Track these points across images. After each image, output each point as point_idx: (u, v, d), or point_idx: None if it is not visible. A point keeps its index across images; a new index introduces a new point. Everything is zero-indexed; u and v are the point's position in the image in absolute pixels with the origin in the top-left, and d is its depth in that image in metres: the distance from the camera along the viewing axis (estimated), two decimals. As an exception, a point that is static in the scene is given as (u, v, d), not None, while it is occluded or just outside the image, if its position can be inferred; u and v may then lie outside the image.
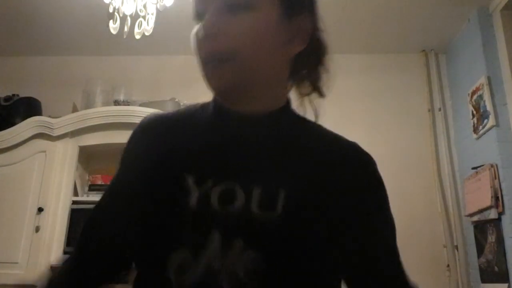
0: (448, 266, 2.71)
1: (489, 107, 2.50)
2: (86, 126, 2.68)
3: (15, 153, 2.67)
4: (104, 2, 2.11)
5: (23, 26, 2.94)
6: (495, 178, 2.39)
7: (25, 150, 2.67)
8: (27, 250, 2.46)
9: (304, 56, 0.74)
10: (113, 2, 2.07)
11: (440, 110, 3.03)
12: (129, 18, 2.09)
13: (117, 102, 2.90)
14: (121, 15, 2.07)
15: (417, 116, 3.02)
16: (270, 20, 0.68)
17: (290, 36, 0.71)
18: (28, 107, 2.88)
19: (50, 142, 2.67)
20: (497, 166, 2.41)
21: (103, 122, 2.67)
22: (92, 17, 2.72)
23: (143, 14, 2.12)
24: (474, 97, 2.66)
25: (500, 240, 2.34)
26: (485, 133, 2.55)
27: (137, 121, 0.79)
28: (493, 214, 2.38)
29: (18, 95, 2.91)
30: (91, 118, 2.69)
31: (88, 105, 2.86)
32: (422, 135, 2.98)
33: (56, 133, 2.66)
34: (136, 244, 0.68)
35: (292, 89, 0.78)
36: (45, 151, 2.66)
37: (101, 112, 2.72)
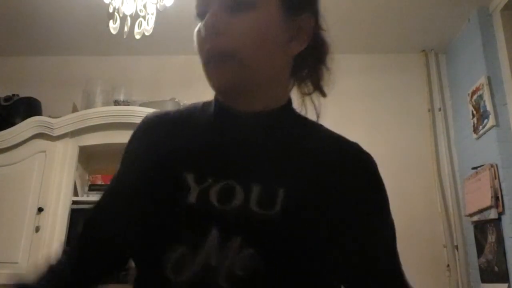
0: (448, 266, 2.71)
1: (489, 107, 2.50)
2: (86, 126, 2.68)
3: (15, 153, 2.67)
4: (104, 2, 2.11)
5: (23, 26, 2.94)
6: (495, 178, 2.39)
7: (25, 150, 2.67)
8: (27, 250, 2.46)
9: (305, 55, 0.74)
10: (113, 2, 2.07)
11: (440, 110, 3.03)
12: (129, 18, 2.09)
13: (117, 102, 2.90)
14: (121, 15, 2.07)
15: (417, 116, 3.02)
16: (271, 19, 0.68)
17: (291, 35, 0.71)
18: (28, 107, 2.88)
19: (50, 142, 2.67)
20: (497, 166, 2.41)
21: (103, 122, 2.67)
22: (92, 17, 2.72)
23: (143, 14, 2.12)
24: (474, 97, 2.66)
25: (500, 240, 2.34)
26: (485, 133, 2.55)
27: (137, 121, 0.80)
28: (493, 214, 2.38)
29: (18, 95, 2.91)
30: (91, 118, 2.69)
31: (88, 105, 2.86)
32: (422, 135, 2.98)
33: (56, 133, 2.66)
34: (135, 243, 0.68)
35: (293, 88, 0.78)
36: (45, 151, 2.66)
37: (101, 112, 2.72)
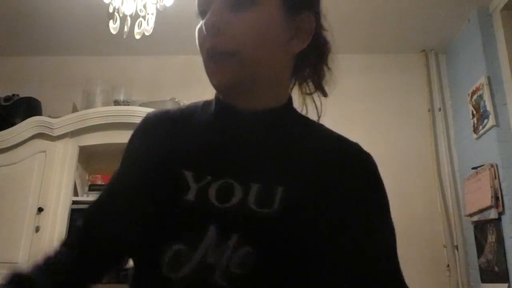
0: (448, 266, 2.71)
1: (489, 107, 2.50)
2: (86, 126, 2.68)
3: (15, 153, 2.67)
4: (104, 2, 2.11)
5: (23, 26, 2.94)
6: (495, 178, 2.39)
7: (25, 150, 2.67)
8: (27, 250, 2.46)
9: (307, 54, 0.74)
10: (113, 2, 2.07)
11: (440, 110, 3.03)
12: (129, 18, 2.09)
13: (117, 102, 2.90)
14: (121, 15, 2.07)
15: (417, 116, 3.03)
16: (272, 18, 0.68)
17: (292, 34, 0.71)
18: (28, 107, 2.88)
19: (50, 142, 2.67)
20: (497, 166, 2.41)
21: (103, 122, 2.67)
22: (92, 17, 2.72)
23: (143, 14, 2.12)
24: (474, 97, 2.66)
25: (500, 240, 2.34)
26: (485, 133, 2.55)
27: (137, 121, 0.79)
28: (493, 214, 2.38)
29: (18, 95, 2.91)
30: (91, 118, 2.69)
31: (88, 105, 2.86)
32: (422, 135, 2.98)
33: (56, 133, 2.66)
34: (134, 241, 0.68)
35: (294, 87, 0.78)
36: (45, 151, 2.66)
37: (101, 112, 2.72)
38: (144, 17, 2.12)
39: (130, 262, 0.71)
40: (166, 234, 0.63)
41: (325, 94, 0.78)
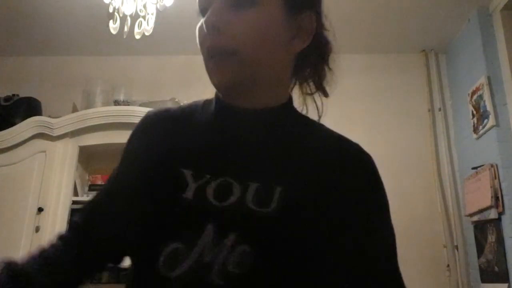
0: (448, 266, 2.71)
1: (489, 107, 2.50)
2: (86, 126, 2.68)
3: (15, 153, 2.67)
4: (104, 2, 2.11)
5: (23, 26, 2.94)
6: (495, 178, 2.39)
7: (25, 150, 2.67)
8: (27, 250, 2.46)
9: (308, 54, 0.74)
10: (113, 2, 2.07)
11: (440, 110, 3.04)
12: (129, 18, 2.09)
13: (117, 102, 2.90)
14: (121, 15, 2.07)
15: (417, 116, 3.03)
16: (273, 16, 0.68)
17: (293, 33, 0.71)
18: (28, 107, 2.88)
19: (50, 142, 2.67)
20: (497, 166, 2.41)
21: (103, 122, 2.67)
22: (92, 17, 2.72)
23: (143, 14, 2.12)
24: (474, 97, 2.66)
25: (500, 240, 2.34)
26: (485, 133, 2.55)
27: (137, 121, 0.79)
28: (493, 214, 2.38)
29: (18, 95, 2.91)
30: (91, 118, 2.69)
31: (88, 105, 2.86)
32: (422, 135, 2.98)
33: (56, 133, 2.66)
34: (133, 240, 0.68)
35: (294, 87, 0.78)
36: (45, 151, 2.66)
37: (101, 112, 2.72)
38: (144, 17, 2.12)
39: (128, 262, 0.71)
40: (164, 233, 0.63)
41: (326, 94, 0.78)
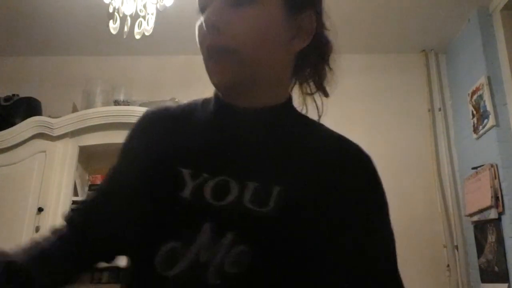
0: (448, 266, 2.71)
1: (489, 107, 2.50)
2: (86, 126, 2.68)
3: (15, 153, 2.67)
4: (104, 2, 2.11)
5: (23, 26, 2.94)
6: (495, 178, 2.39)
7: (25, 150, 2.67)
8: (27, 250, 2.46)
9: (308, 54, 0.74)
10: (113, 2, 2.07)
11: (440, 110, 3.03)
12: (129, 18, 2.09)
13: (117, 102, 2.90)
14: (121, 15, 2.07)
15: (417, 116, 3.02)
16: (273, 15, 0.68)
17: (293, 32, 0.71)
18: (28, 107, 2.87)
19: (50, 142, 2.67)
20: (497, 166, 2.41)
21: (103, 122, 2.67)
22: (92, 17, 2.72)
23: (143, 14, 2.12)
24: (474, 97, 2.66)
25: (500, 240, 2.34)
26: (485, 133, 2.55)
27: (137, 121, 0.79)
28: (493, 214, 2.38)
29: (18, 95, 2.91)
30: (91, 118, 2.69)
31: (88, 105, 2.86)
32: (422, 135, 2.98)
33: (56, 133, 2.66)
34: (130, 240, 0.68)
35: (294, 87, 0.78)
36: (45, 151, 2.66)
37: (101, 112, 2.72)
38: (144, 17, 2.12)
39: (125, 261, 0.71)
40: (161, 232, 0.63)
41: (326, 94, 0.77)
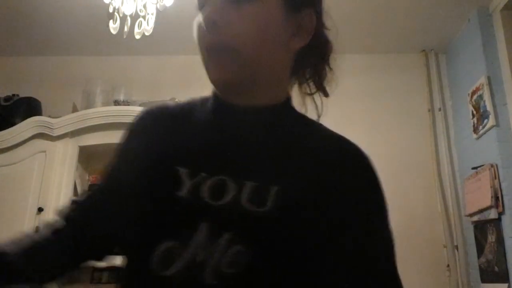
0: (448, 266, 2.71)
1: (489, 107, 2.50)
2: (86, 126, 2.68)
3: (15, 153, 2.67)
4: (104, 2, 2.11)
5: (23, 26, 2.94)
6: (495, 178, 2.39)
7: (25, 150, 2.67)
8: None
9: (308, 53, 0.73)
10: (113, 2, 2.07)
11: (440, 110, 3.03)
12: (129, 18, 2.09)
13: (117, 102, 2.90)
14: (121, 15, 2.07)
15: (417, 116, 3.02)
16: (273, 13, 0.68)
17: (292, 30, 0.70)
18: (28, 107, 2.88)
19: (50, 142, 2.67)
20: (497, 166, 2.41)
21: (103, 122, 2.67)
22: (92, 17, 2.72)
23: (143, 14, 2.12)
24: (474, 97, 2.66)
25: (500, 240, 2.34)
26: (485, 133, 2.55)
27: (137, 121, 0.79)
28: (493, 214, 2.38)
29: (18, 95, 2.91)
30: (91, 118, 2.69)
31: (88, 105, 2.86)
32: (422, 135, 2.98)
33: (56, 133, 2.66)
34: (128, 239, 0.67)
35: (293, 86, 0.78)
36: (45, 151, 2.66)
37: (101, 112, 2.72)
38: (144, 17, 2.12)
39: (122, 260, 0.70)
40: (158, 231, 0.63)
41: (326, 94, 0.77)
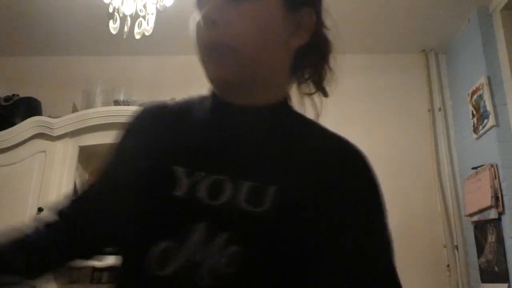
0: (448, 266, 2.71)
1: (489, 107, 2.50)
2: (86, 126, 2.68)
3: (15, 153, 2.67)
4: (104, 2, 2.11)
5: (23, 26, 2.94)
6: (495, 178, 2.39)
7: (25, 150, 2.67)
8: (27, 250, 2.46)
9: (307, 53, 0.73)
10: (113, 2, 2.07)
11: (440, 110, 3.03)
12: (129, 18, 2.09)
13: (117, 102, 2.90)
14: (121, 15, 2.07)
15: (417, 116, 3.02)
16: (272, 11, 0.68)
17: (292, 29, 0.70)
18: (28, 107, 2.88)
19: (50, 142, 2.67)
20: (497, 166, 2.41)
21: (103, 122, 2.67)
22: (92, 17, 2.72)
23: (143, 14, 2.12)
24: (474, 97, 2.66)
25: (500, 240, 2.34)
26: (485, 133, 2.55)
27: (137, 121, 0.79)
28: (493, 214, 2.38)
29: (18, 95, 2.91)
30: (91, 118, 2.68)
31: (88, 105, 2.86)
32: (422, 135, 2.98)
33: (56, 133, 2.66)
34: (121, 237, 0.67)
35: (292, 86, 0.77)
36: (45, 151, 2.65)
37: (101, 112, 2.72)
38: (144, 17, 2.12)
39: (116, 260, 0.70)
40: (154, 231, 0.62)
41: (326, 95, 0.77)
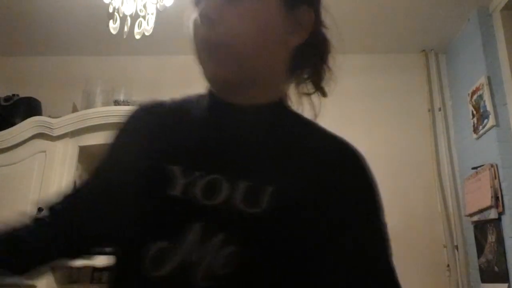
0: (448, 266, 2.71)
1: (489, 107, 2.50)
2: (86, 126, 2.67)
3: (15, 153, 2.67)
4: (104, 2, 2.11)
5: (23, 26, 2.94)
6: (495, 178, 2.39)
7: (25, 150, 2.67)
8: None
9: (306, 52, 0.73)
10: (113, 2, 2.07)
11: (440, 110, 3.03)
12: (129, 18, 2.09)
13: (117, 102, 2.90)
14: (121, 15, 2.07)
15: (417, 116, 3.02)
16: (270, 9, 0.67)
17: (290, 27, 0.70)
18: (28, 107, 2.87)
19: (50, 142, 2.67)
20: (497, 166, 2.41)
21: (103, 122, 2.66)
22: (92, 17, 2.72)
23: (143, 14, 2.12)
24: (474, 97, 2.66)
25: (500, 240, 2.34)
26: (485, 133, 2.55)
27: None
28: (493, 214, 2.38)
29: (18, 95, 2.91)
30: (91, 118, 2.68)
31: (88, 105, 2.86)
32: (422, 135, 2.98)
33: (56, 133, 2.66)
34: (115, 237, 0.67)
35: (291, 86, 0.77)
36: (45, 151, 2.65)
37: (101, 112, 2.72)
38: (144, 17, 2.12)
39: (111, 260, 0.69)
40: (150, 231, 0.62)
41: (325, 95, 0.76)
